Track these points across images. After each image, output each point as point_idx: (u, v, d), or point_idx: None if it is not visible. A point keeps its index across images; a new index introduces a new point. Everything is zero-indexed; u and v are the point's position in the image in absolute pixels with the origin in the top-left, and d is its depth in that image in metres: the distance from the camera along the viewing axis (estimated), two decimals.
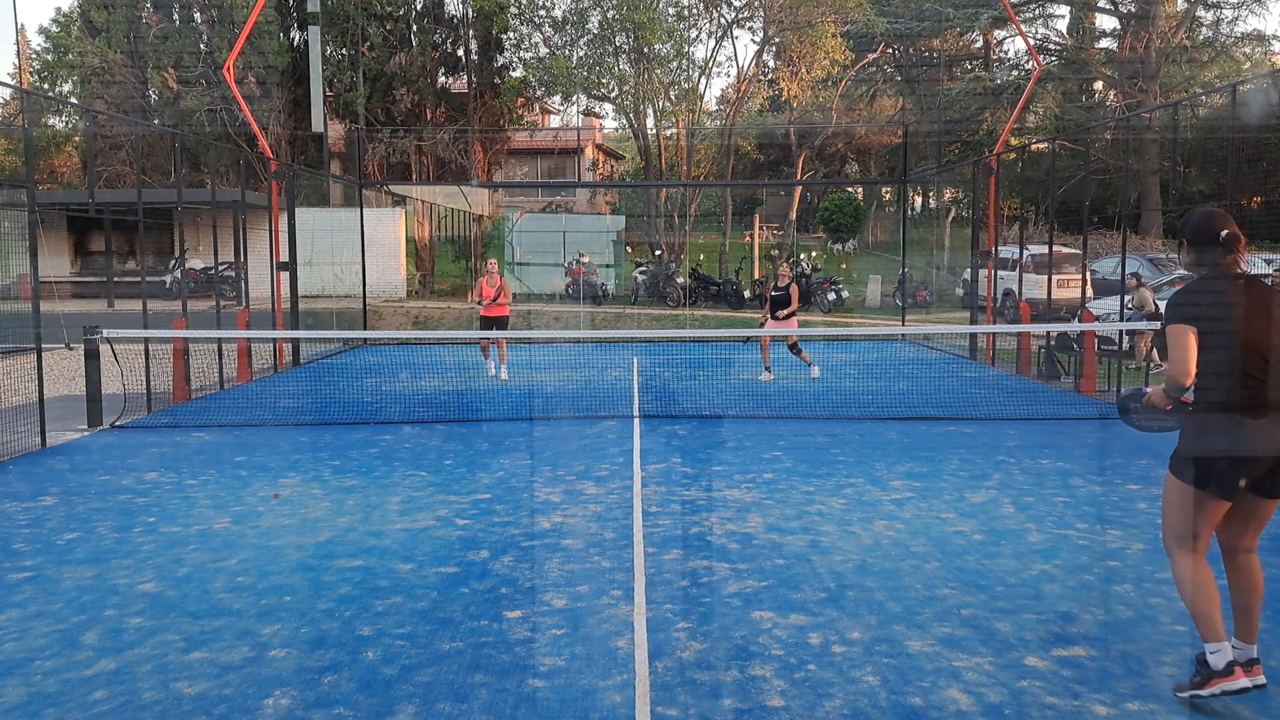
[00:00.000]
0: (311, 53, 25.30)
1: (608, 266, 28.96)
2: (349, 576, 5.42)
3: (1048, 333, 13.96)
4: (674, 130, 30.44)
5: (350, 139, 27.48)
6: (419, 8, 30.16)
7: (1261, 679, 3.80)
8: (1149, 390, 4.05)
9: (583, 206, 43.42)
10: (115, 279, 26.13)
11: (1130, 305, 13.74)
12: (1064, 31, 39.18)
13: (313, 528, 6.40)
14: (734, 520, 6.51)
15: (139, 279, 13.32)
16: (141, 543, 6.09)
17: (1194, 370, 3.75)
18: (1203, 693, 3.77)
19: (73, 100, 29.57)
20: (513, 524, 6.47)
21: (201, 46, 28.83)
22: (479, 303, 14.08)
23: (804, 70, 30.74)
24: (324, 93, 25.67)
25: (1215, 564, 3.92)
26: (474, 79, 30.02)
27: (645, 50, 27.32)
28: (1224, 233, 3.79)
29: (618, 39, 27.57)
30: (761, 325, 13.45)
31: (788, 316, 13.01)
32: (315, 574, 5.47)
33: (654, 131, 29.58)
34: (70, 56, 30.63)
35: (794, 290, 12.89)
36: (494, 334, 14.06)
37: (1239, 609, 3.97)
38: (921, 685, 4.04)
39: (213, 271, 16.60)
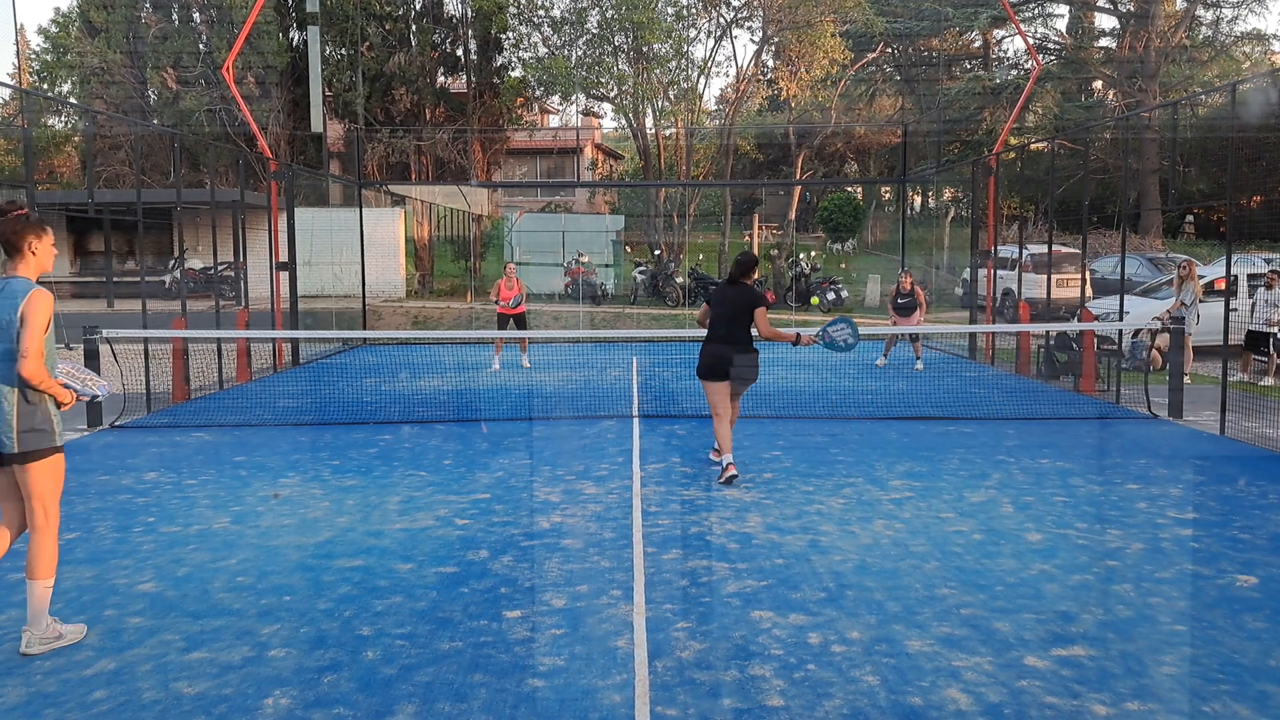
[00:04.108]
0: (311, 53, 25.28)
1: (607, 266, 28.94)
2: (348, 576, 5.42)
3: (1047, 332, 13.95)
4: (673, 130, 30.41)
5: (349, 139, 27.47)
6: (418, 7, 30.17)
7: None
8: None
9: (582, 206, 43.42)
10: (114, 279, 26.15)
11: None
12: (1063, 31, 39.22)
13: (312, 527, 6.40)
14: (733, 520, 6.51)
15: (138, 279, 13.32)
16: (141, 543, 6.09)
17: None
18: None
19: (72, 100, 29.54)
20: (512, 524, 6.47)
21: (201, 46, 28.80)
22: (496, 302, 14.74)
23: (803, 70, 30.70)
24: (323, 93, 25.64)
25: None
26: (473, 79, 30.03)
27: (644, 50, 27.30)
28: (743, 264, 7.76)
29: (616, 38, 27.55)
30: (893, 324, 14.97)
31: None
32: (315, 574, 5.47)
33: (653, 131, 29.55)
34: (70, 57, 30.59)
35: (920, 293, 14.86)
36: (517, 333, 14.78)
37: None
38: (921, 685, 4.04)
39: (212, 271, 16.59)
